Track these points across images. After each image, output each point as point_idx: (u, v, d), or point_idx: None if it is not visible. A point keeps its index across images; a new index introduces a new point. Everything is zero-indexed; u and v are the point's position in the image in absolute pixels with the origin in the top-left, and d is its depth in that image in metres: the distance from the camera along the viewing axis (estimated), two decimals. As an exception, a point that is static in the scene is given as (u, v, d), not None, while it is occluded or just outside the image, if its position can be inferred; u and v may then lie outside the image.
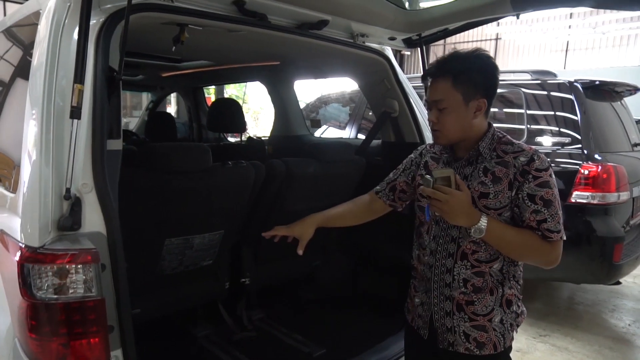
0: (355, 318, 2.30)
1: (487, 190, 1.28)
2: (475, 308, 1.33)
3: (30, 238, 1.08)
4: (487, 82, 1.30)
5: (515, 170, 1.25)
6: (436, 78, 1.31)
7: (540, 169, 1.23)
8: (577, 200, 3.17)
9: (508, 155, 1.28)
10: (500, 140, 1.32)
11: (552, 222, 1.22)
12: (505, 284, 1.34)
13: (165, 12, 1.39)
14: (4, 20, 1.88)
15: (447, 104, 1.29)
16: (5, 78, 1.65)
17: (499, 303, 1.33)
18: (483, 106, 1.29)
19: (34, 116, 1.15)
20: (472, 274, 1.32)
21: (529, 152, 1.26)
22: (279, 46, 2.15)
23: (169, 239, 1.81)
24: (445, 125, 1.31)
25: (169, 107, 9.00)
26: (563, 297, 4.26)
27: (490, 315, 1.33)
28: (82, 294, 1.07)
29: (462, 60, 1.30)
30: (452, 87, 1.27)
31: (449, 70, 1.29)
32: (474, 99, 1.28)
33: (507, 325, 1.34)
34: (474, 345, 1.33)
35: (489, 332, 1.32)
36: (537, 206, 1.23)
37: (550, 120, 3.58)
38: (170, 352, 2.06)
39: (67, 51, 1.18)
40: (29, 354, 1.08)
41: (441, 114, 1.31)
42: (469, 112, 1.29)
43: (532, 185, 1.23)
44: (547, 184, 1.23)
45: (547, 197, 1.22)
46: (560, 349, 3.20)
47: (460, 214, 1.22)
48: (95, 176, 1.13)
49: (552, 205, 1.23)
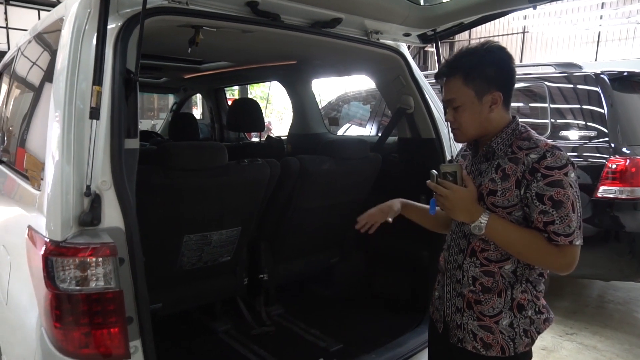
0: (371, 315, 2.32)
1: (495, 188, 1.25)
2: (482, 308, 1.30)
3: (54, 233, 1.14)
4: (500, 74, 1.26)
5: (524, 168, 1.21)
6: (448, 77, 1.30)
7: (551, 167, 1.17)
8: (603, 195, 3.08)
9: (522, 151, 1.23)
10: (520, 136, 1.28)
11: (560, 224, 1.16)
12: (516, 286, 1.28)
13: (180, 14, 1.43)
14: (36, 25, 1.97)
15: (460, 102, 1.27)
16: (36, 82, 1.74)
17: (508, 306, 1.28)
18: (498, 99, 1.26)
19: (57, 118, 1.21)
20: (480, 272, 1.30)
21: (542, 148, 1.20)
22: (294, 45, 2.18)
23: (188, 236, 1.87)
24: (462, 123, 1.29)
25: (195, 108, 9.20)
26: (592, 295, 4.14)
27: (498, 318, 1.29)
28: (102, 286, 1.13)
29: (471, 55, 1.28)
30: (464, 85, 1.26)
31: (458, 68, 1.27)
32: (487, 93, 1.25)
33: (518, 330, 1.28)
34: (481, 345, 1.30)
35: (496, 335, 1.28)
36: (545, 207, 1.17)
37: (575, 113, 3.48)
38: (191, 345, 2.12)
39: (88, 55, 1.23)
40: (54, 342, 1.14)
41: (456, 112, 1.29)
42: (483, 107, 1.27)
43: (541, 184, 1.17)
44: (559, 184, 1.16)
45: (558, 197, 1.15)
46: (587, 348, 3.12)
47: (461, 210, 1.22)
48: (113, 174, 1.18)
49: (562, 207, 1.16)
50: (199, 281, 2.11)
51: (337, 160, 2.19)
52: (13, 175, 1.78)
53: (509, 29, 16.21)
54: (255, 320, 2.28)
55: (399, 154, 2.43)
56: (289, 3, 1.63)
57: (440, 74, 1.34)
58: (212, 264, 2.07)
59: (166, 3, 1.37)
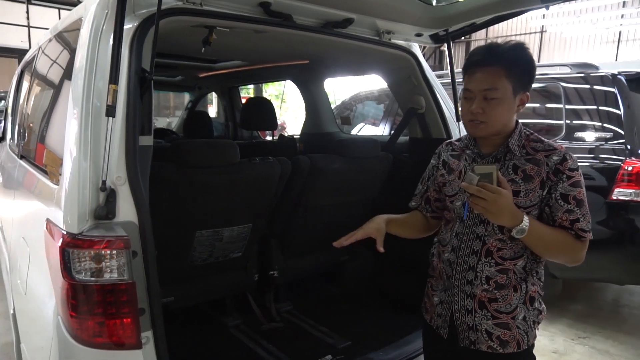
0: (379, 313, 2.33)
1: (518, 189, 1.25)
2: (498, 305, 1.30)
3: (71, 225, 1.18)
4: (532, 77, 1.27)
5: (548, 169, 1.25)
6: (486, 66, 1.23)
7: (572, 169, 1.24)
8: (619, 197, 3.03)
9: (539, 153, 1.27)
10: (528, 138, 1.31)
11: (584, 221, 1.25)
12: (528, 280, 1.32)
13: (194, 15, 1.47)
14: (56, 25, 2.03)
15: (498, 94, 1.22)
16: (55, 80, 1.79)
17: (522, 300, 1.31)
18: (526, 100, 1.27)
19: (75, 115, 1.26)
20: (495, 271, 1.30)
21: (560, 151, 1.26)
22: (306, 45, 2.20)
23: (200, 231, 1.91)
24: (492, 116, 1.24)
25: (210, 107, 9.29)
26: (607, 299, 4.08)
27: (514, 313, 1.30)
28: (116, 277, 1.17)
29: (513, 50, 1.24)
30: (505, 77, 1.21)
31: (502, 58, 1.22)
32: (521, 92, 1.25)
33: (530, 322, 1.33)
34: (497, 344, 1.30)
35: (513, 330, 1.30)
36: (570, 206, 1.24)
37: (591, 114, 3.44)
38: (201, 339, 2.16)
39: (105, 54, 1.27)
40: (69, 330, 1.19)
41: (489, 104, 1.23)
42: (514, 105, 1.25)
43: (565, 185, 1.24)
44: (579, 184, 1.24)
45: (580, 197, 1.24)
46: (600, 352, 3.08)
47: (505, 214, 1.17)
48: (128, 170, 1.22)
49: (583, 205, 1.24)
50: (210, 276, 2.15)
51: (348, 159, 2.21)
52: (33, 170, 1.83)
53: (527, 29, 15.99)
54: (264, 316, 2.32)
55: (409, 154, 2.44)
56: (301, 3, 1.65)
57: (476, 61, 1.25)
58: (223, 259, 2.11)
59: (180, 4, 1.41)
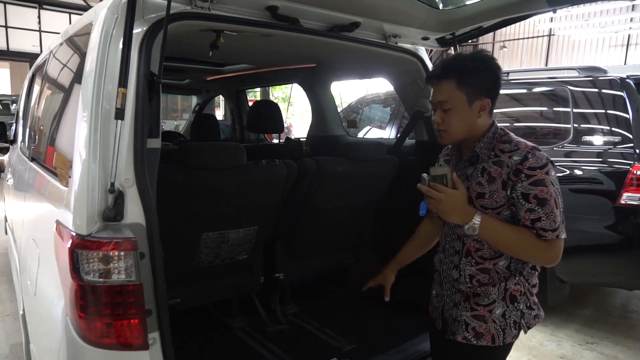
0: (385, 316, 2.33)
1: (483, 191, 1.31)
2: (478, 299, 1.36)
3: (80, 227, 1.20)
4: (490, 82, 1.32)
5: (508, 170, 1.27)
6: (441, 79, 1.33)
7: (533, 167, 1.23)
8: (627, 202, 3.00)
9: (504, 154, 1.29)
10: (500, 139, 1.34)
11: (546, 220, 1.23)
12: (510, 279, 1.34)
13: (202, 19, 1.48)
14: (67, 29, 2.06)
15: (451, 105, 1.31)
16: (66, 84, 1.82)
17: (501, 296, 1.34)
18: (487, 106, 1.32)
19: (85, 118, 1.28)
20: (477, 270, 1.36)
21: (523, 150, 1.27)
22: (313, 49, 2.21)
23: (206, 233, 1.92)
24: (451, 125, 1.34)
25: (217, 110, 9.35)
26: (615, 304, 4.04)
27: (491, 307, 1.35)
28: (124, 278, 1.18)
29: (466, 61, 1.33)
30: (457, 88, 1.30)
31: (453, 71, 1.31)
32: (478, 99, 1.31)
33: (509, 321, 1.34)
34: (472, 335, 1.36)
35: (488, 323, 1.34)
36: (531, 205, 1.23)
37: (600, 118, 3.41)
38: (207, 340, 2.17)
39: (114, 58, 1.29)
40: (78, 331, 1.20)
41: (446, 114, 1.33)
42: (473, 112, 1.32)
43: (525, 184, 1.24)
44: (542, 182, 1.23)
45: (542, 195, 1.23)
46: (608, 357, 3.05)
47: (454, 212, 1.27)
48: (136, 172, 1.24)
49: (546, 204, 1.23)
50: (216, 278, 2.16)
51: (354, 162, 2.21)
52: (43, 172, 1.86)
53: (535, 32, 15.93)
54: (270, 318, 2.32)
55: (416, 157, 2.44)
56: (308, 7, 1.66)
57: (433, 76, 1.37)
58: (230, 261, 2.12)
59: (189, 8, 1.42)
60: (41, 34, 14.06)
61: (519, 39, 16.59)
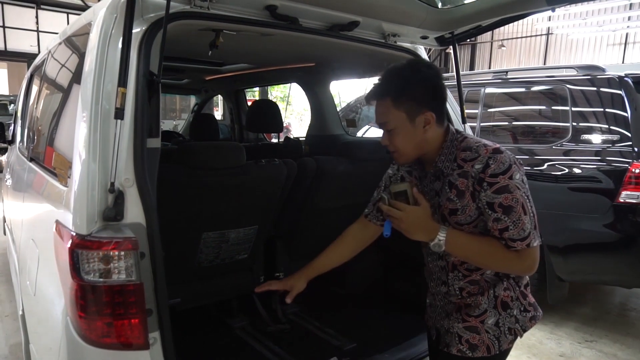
0: (385, 315, 2.33)
1: (455, 206, 1.24)
2: (469, 309, 1.31)
3: (80, 227, 1.19)
4: (429, 93, 1.24)
5: (473, 180, 1.20)
6: (379, 99, 1.26)
7: (495, 174, 1.16)
8: (626, 200, 3.01)
9: (467, 164, 1.22)
10: (460, 147, 1.25)
11: (514, 229, 1.16)
12: (498, 284, 1.29)
13: (202, 19, 1.48)
14: (66, 29, 2.05)
15: (392, 126, 1.25)
16: (65, 84, 1.82)
17: (492, 304, 1.29)
18: (431, 119, 1.24)
19: (84, 118, 1.27)
20: (465, 283, 1.32)
21: (484, 156, 1.19)
22: (312, 48, 2.21)
23: (206, 233, 1.92)
24: (398, 146, 1.27)
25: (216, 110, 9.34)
26: (614, 302, 4.05)
27: (483, 317, 1.29)
28: (124, 278, 1.18)
29: (398, 77, 1.25)
30: (394, 108, 1.23)
31: (387, 91, 1.24)
32: (419, 114, 1.23)
33: (504, 328, 1.29)
34: (467, 347, 1.30)
35: (482, 334, 1.29)
36: (497, 214, 1.17)
37: (598, 117, 3.42)
38: (208, 340, 2.17)
39: (114, 58, 1.28)
40: (78, 331, 1.20)
41: (391, 135, 1.27)
42: (417, 129, 1.24)
43: (489, 193, 1.17)
44: (506, 189, 1.16)
45: (507, 203, 1.15)
46: (607, 355, 3.06)
47: (417, 230, 1.21)
48: (136, 172, 1.23)
49: (512, 212, 1.15)
50: (216, 278, 2.16)
51: (354, 162, 2.21)
52: (42, 172, 1.86)
53: (533, 31, 15.95)
54: (270, 318, 2.32)
55: None
56: (307, 7, 1.66)
57: (370, 97, 1.29)
58: (230, 261, 2.12)
59: (188, 8, 1.42)
60: (39, 34, 14.02)
61: (517, 38, 16.61)
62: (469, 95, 4.07)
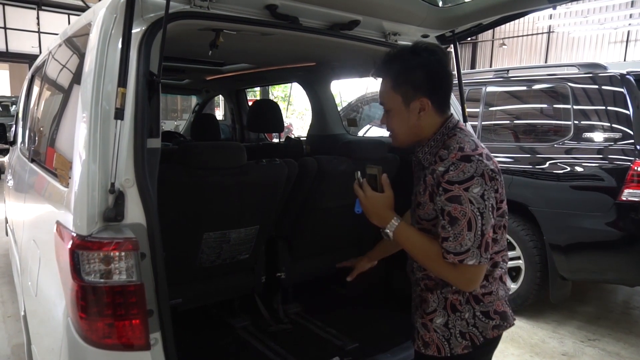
0: (387, 314, 2.33)
1: (419, 200, 1.26)
2: (425, 306, 1.34)
3: (80, 228, 1.19)
4: (428, 79, 1.21)
5: (434, 181, 1.19)
6: (381, 80, 1.28)
7: (451, 182, 1.12)
8: (628, 198, 3.00)
9: (438, 163, 1.18)
10: (444, 143, 1.22)
11: (453, 242, 1.13)
12: (447, 286, 1.27)
13: (201, 19, 1.47)
14: (66, 30, 2.05)
15: (389, 107, 1.27)
16: (65, 84, 1.81)
17: (442, 305, 1.29)
18: (426, 106, 1.22)
19: (84, 118, 1.27)
20: (423, 275, 1.34)
21: (449, 160, 1.15)
22: (312, 47, 2.21)
23: (207, 233, 1.92)
24: (393, 128, 1.29)
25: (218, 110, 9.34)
26: (617, 301, 4.04)
27: (432, 316, 1.30)
28: (125, 279, 1.18)
29: (401, 59, 1.24)
30: (392, 90, 1.24)
31: (388, 72, 1.25)
32: (414, 99, 1.22)
33: (454, 331, 1.26)
34: (421, 343, 1.33)
35: (431, 333, 1.30)
36: (444, 222, 1.14)
37: (600, 115, 3.41)
38: (210, 340, 2.17)
39: (113, 58, 1.28)
40: (79, 332, 1.20)
41: (388, 116, 1.29)
42: (411, 114, 1.23)
43: (442, 199, 1.15)
44: (457, 199, 1.11)
45: (454, 214, 1.12)
46: (610, 354, 3.05)
47: (372, 215, 1.27)
48: (136, 172, 1.23)
49: (456, 224, 1.11)
50: (218, 278, 2.16)
51: (355, 161, 2.21)
52: (43, 173, 1.86)
53: (534, 29, 15.91)
54: (272, 318, 2.32)
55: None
56: (307, 6, 1.65)
57: (374, 73, 1.32)
58: (231, 261, 2.12)
59: (188, 8, 1.42)
60: (40, 35, 14.05)
61: (518, 36, 16.58)
62: (470, 94, 4.06)
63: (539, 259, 3.41)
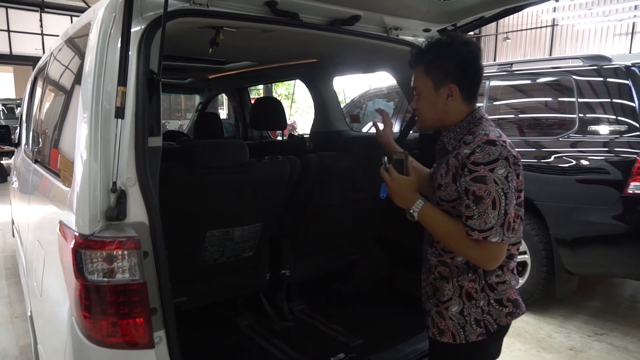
0: (392, 311, 2.33)
1: (441, 182, 1.32)
2: (439, 294, 1.38)
3: (83, 227, 1.20)
4: (459, 68, 1.31)
5: (458, 163, 1.25)
6: (414, 67, 1.38)
7: (477, 163, 1.19)
8: (634, 191, 2.97)
9: (463, 146, 1.27)
10: (469, 130, 1.31)
11: (478, 219, 1.19)
12: (462, 275, 1.33)
13: (201, 16, 1.47)
14: (67, 30, 2.06)
15: (420, 91, 1.36)
16: (67, 85, 1.82)
17: (457, 293, 1.34)
18: (454, 92, 1.31)
19: (85, 118, 1.27)
20: (437, 262, 1.38)
21: (475, 144, 1.22)
22: (313, 44, 2.19)
23: (210, 231, 1.92)
24: (421, 111, 1.39)
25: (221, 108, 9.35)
26: (624, 295, 4.01)
27: (448, 304, 1.35)
28: (128, 277, 1.18)
29: (435, 48, 1.34)
30: (424, 75, 1.34)
31: (422, 58, 1.35)
32: (443, 85, 1.31)
33: (469, 319, 1.32)
34: (437, 331, 1.38)
35: (447, 321, 1.35)
36: (469, 201, 1.20)
37: (605, 107, 3.38)
38: (214, 338, 2.17)
39: (113, 57, 1.28)
40: (83, 331, 1.20)
41: (418, 100, 1.38)
42: (439, 98, 1.33)
43: (467, 179, 1.21)
44: (482, 179, 1.18)
45: (479, 193, 1.19)
46: (618, 349, 3.03)
47: (398, 197, 1.33)
48: (138, 171, 1.23)
49: (481, 203, 1.18)
50: (222, 276, 2.16)
51: (358, 157, 2.20)
52: (46, 174, 1.86)
53: (538, 22, 15.78)
54: (277, 315, 2.32)
55: (420, 151, 2.41)
56: (307, 2, 1.64)
57: (409, 63, 1.42)
58: (235, 259, 2.12)
59: (187, 5, 1.41)
60: (43, 37, 14.11)
61: (522, 30, 16.46)
62: (473, 88, 4.03)
63: (544, 254, 3.39)
